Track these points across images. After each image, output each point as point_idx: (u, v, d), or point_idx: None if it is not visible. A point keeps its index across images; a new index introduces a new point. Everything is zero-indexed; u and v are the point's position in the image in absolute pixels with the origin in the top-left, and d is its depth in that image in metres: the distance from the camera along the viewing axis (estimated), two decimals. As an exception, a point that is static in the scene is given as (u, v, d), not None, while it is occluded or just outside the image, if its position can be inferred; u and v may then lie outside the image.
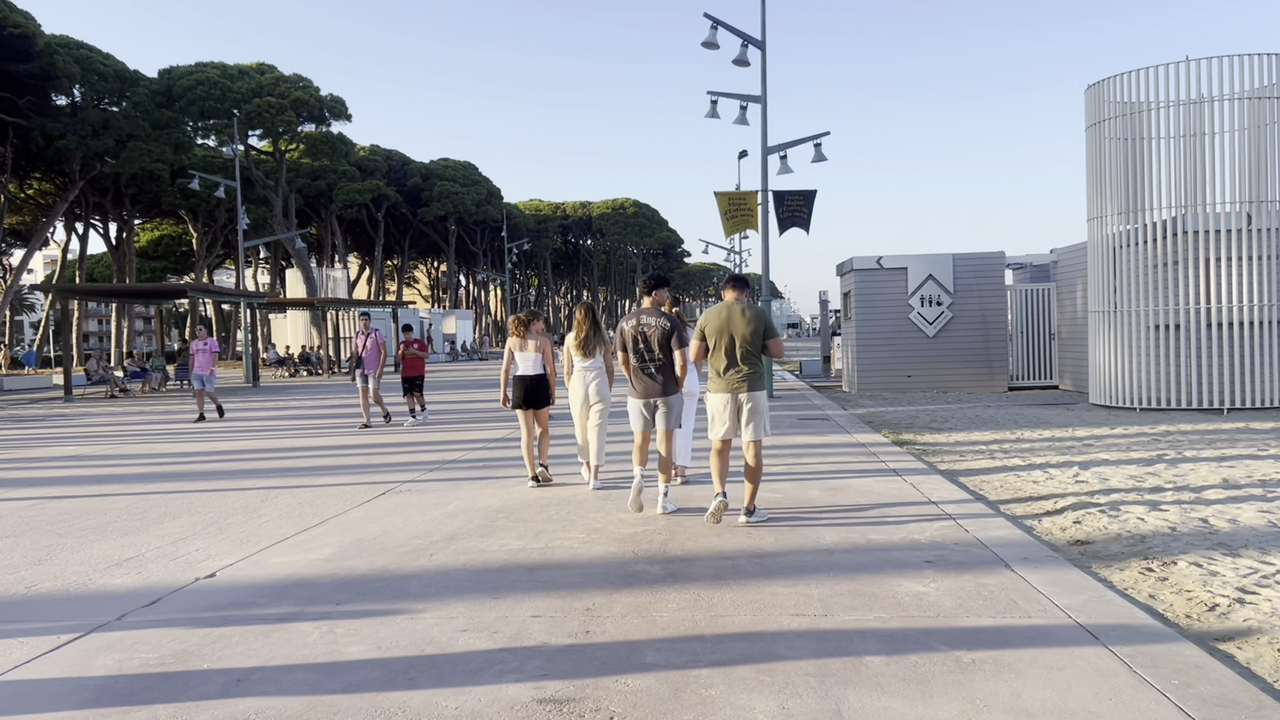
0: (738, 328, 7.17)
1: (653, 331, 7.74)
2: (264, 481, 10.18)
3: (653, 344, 7.72)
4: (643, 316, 7.84)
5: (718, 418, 7.25)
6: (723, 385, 7.20)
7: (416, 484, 9.68)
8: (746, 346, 7.16)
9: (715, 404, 7.25)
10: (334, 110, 50.76)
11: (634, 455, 8.02)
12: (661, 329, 7.73)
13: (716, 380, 7.25)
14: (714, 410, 7.27)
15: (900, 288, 21.90)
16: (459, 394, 24.56)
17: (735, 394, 7.14)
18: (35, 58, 40.40)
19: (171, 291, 27.86)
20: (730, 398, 7.16)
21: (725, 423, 7.21)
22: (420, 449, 12.69)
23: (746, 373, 7.15)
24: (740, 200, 20.05)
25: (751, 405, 7.12)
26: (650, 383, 7.74)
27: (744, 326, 7.16)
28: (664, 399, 7.72)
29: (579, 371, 9.35)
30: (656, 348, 7.71)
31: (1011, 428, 13.71)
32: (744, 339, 7.15)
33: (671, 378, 7.75)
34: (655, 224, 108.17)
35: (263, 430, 16.29)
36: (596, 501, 8.35)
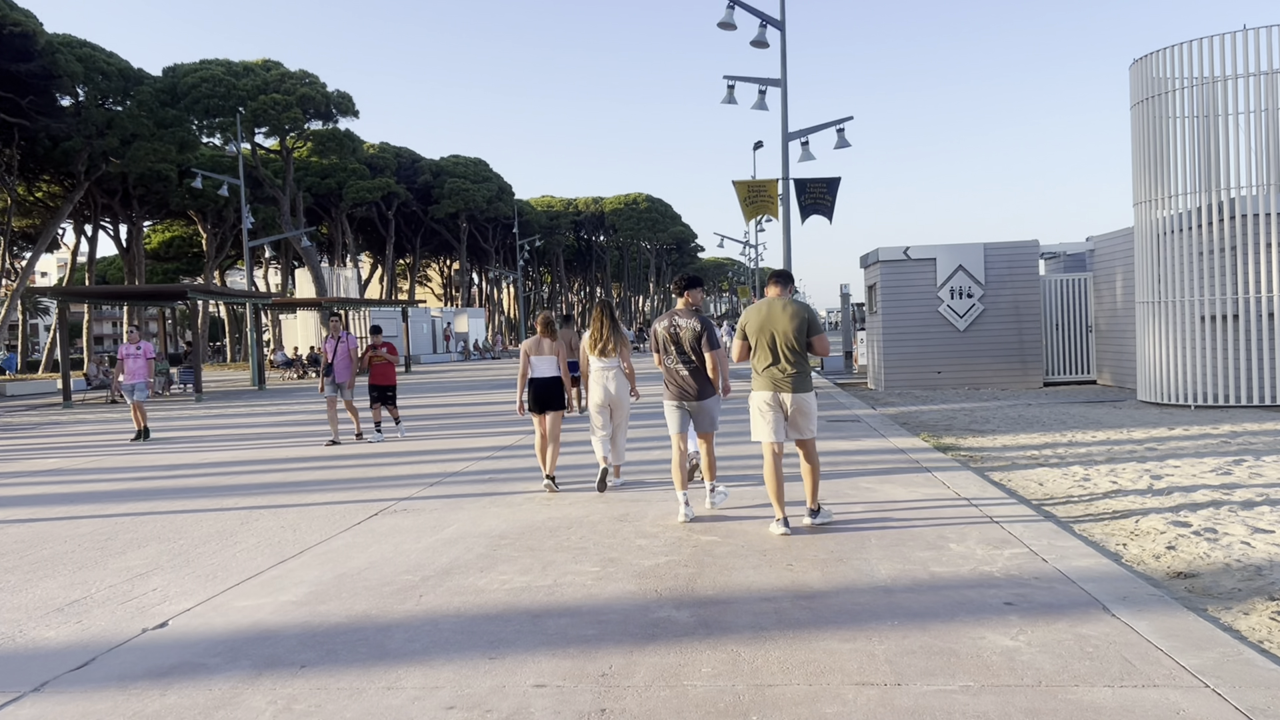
0: (780, 324, 6.85)
1: (684, 333, 7.56)
2: (248, 499, 9.28)
3: (684, 345, 7.55)
4: (675, 317, 7.65)
5: (761, 419, 6.93)
6: (764, 383, 6.91)
7: (414, 502, 8.76)
8: (790, 344, 6.83)
9: (757, 404, 6.95)
10: (341, 106, 49.93)
11: (675, 477, 7.60)
12: (693, 330, 7.53)
13: (758, 379, 6.95)
14: (757, 412, 6.95)
15: (929, 279, 20.88)
16: (469, 395, 23.67)
17: (779, 394, 6.85)
18: (36, 56, 39.73)
19: (171, 293, 27.09)
20: (773, 396, 6.87)
21: (770, 424, 6.90)
22: (423, 459, 11.78)
23: (791, 372, 6.84)
24: (759, 188, 19.08)
25: (797, 406, 6.85)
26: (683, 385, 7.58)
27: (787, 323, 6.84)
28: (697, 402, 7.56)
29: (597, 372, 9.10)
30: (689, 349, 7.54)
31: (1060, 429, 12.69)
32: (787, 336, 6.82)
33: (705, 380, 7.57)
34: (668, 219, 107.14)
35: (257, 438, 15.42)
36: (612, 524, 7.40)
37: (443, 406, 20.24)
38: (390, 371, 14.17)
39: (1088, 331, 21.14)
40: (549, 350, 9.29)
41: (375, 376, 14.10)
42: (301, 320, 51.44)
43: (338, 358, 13.88)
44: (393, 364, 14.22)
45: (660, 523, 7.34)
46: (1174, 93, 15.30)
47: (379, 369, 14.07)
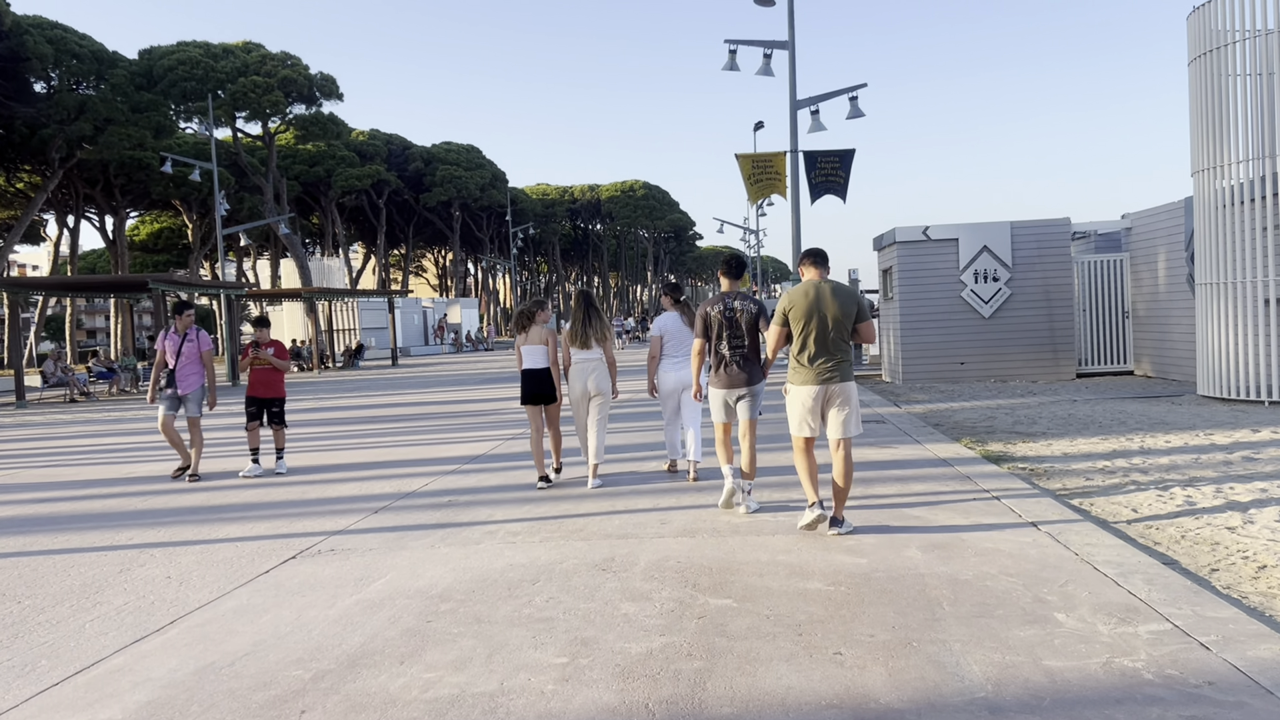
0: (828, 309, 6.33)
1: (741, 315, 7.22)
2: (149, 532, 7.51)
3: (742, 328, 7.19)
4: (728, 299, 7.27)
5: (801, 413, 6.44)
6: (809, 376, 6.39)
7: (348, 538, 6.99)
8: (837, 331, 6.34)
9: (800, 398, 6.44)
10: (324, 89, 48.00)
11: (719, 451, 7.42)
12: (750, 312, 7.21)
13: (801, 370, 6.42)
14: (798, 405, 6.45)
15: (950, 262, 19.09)
16: (452, 392, 21.90)
17: (826, 385, 6.35)
18: (3, 38, 37.85)
19: (131, 284, 25.28)
20: (819, 390, 6.36)
21: (810, 419, 6.42)
22: (377, 473, 10.02)
23: (837, 361, 6.36)
24: (766, 163, 17.27)
25: (843, 398, 6.38)
26: (737, 371, 7.16)
27: (835, 308, 6.33)
28: (751, 388, 7.19)
29: (578, 364, 8.80)
30: (746, 332, 7.20)
31: (1122, 431, 10.93)
32: (835, 322, 6.32)
33: (758, 365, 7.25)
34: (666, 206, 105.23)
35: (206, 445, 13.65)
36: (591, 575, 5.64)
37: (419, 406, 18.47)
38: (278, 381, 10.76)
39: (1124, 317, 19.37)
40: (537, 340, 8.89)
41: (256, 386, 10.67)
42: (288, 312, 49.62)
43: (182, 361, 10.41)
44: (282, 371, 10.77)
45: (656, 574, 5.57)
46: (1233, 46, 13.50)
47: (262, 377, 10.66)
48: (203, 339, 10.59)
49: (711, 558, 5.88)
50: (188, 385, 10.46)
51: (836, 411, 6.36)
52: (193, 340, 10.53)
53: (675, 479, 8.79)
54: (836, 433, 6.37)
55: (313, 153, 61.03)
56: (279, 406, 10.75)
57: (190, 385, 10.46)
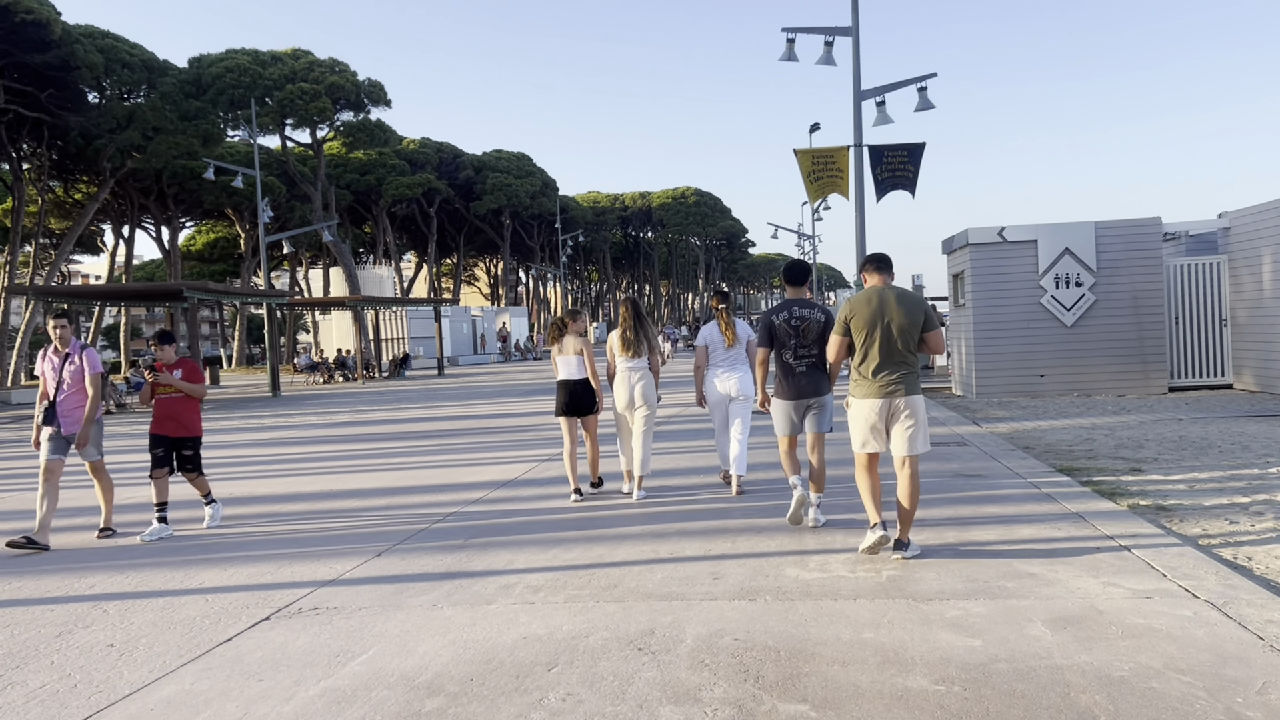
0: (894, 318, 5.92)
1: (809, 325, 6.89)
2: (113, 578, 6.45)
3: (810, 338, 6.87)
4: (795, 308, 6.96)
5: (864, 428, 6.03)
6: (872, 389, 5.98)
7: (336, 590, 5.85)
8: (903, 341, 5.94)
9: (862, 412, 6.03)
10: (372, 95, 47.48)
11: (784, 463, 7.05)
12: (818, 321, 6.89)
13: (864, 383, 6.03)
14: (860, 420, 6.05)
15: (1028, 266, 17.59)
16: (494, 404, 20.84)
17: (890, 399, 5.94)
18: (53, 47, 37.79)
19: (166, 292, 24.66)
20: (883, 404, 5.96)
21: (873, 435, 6.01)
22: (391, 500, 8.90)
23: (903, 373, 5.95)
24: (827, 159, 15.95)
25: (909, 412, 5.95)
26: (804, 382, 6.88)
27: (901, 316, 5.92)
28: (819, 399, 6.90)
29: (623, 372, 8.55)
30: (813, 342, 6.88)
31: (1249, 457, 9.43)
32: (901, 331, 5.92)
33: (824, 375, 6.91)
34: (718, 213, 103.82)
35: (216, 464, 12.70)
36: (623, 655, 4.42)
37: (457, 420, 17.42)
38: (190, 414, 8.08)
39: (1221, 326, 17.69)
40: (571, 350, 8.64)
41: (163, 420, 8.02)
42: (336, 321, 49.24)
43: (65, 389, 7.85)
44: (195, 399, 8.12)
45: (706, 658, 4.33)
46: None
47: (168, 408, 8.01)
48: (90, 359, 7.89)
49: (777, 633, 4.62)
50: (71, 422, 7.84)
51: (902, 427, 5.94)
52: (76, 361, 7.88)
53: (725, 494, 7.70)
54: (902, 449, 5.93)
55: (363, 161, 60.79)
56: (192, 448, 8.09)
57: (73, 422, 7.87)
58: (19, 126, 42.68)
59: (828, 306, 6.90)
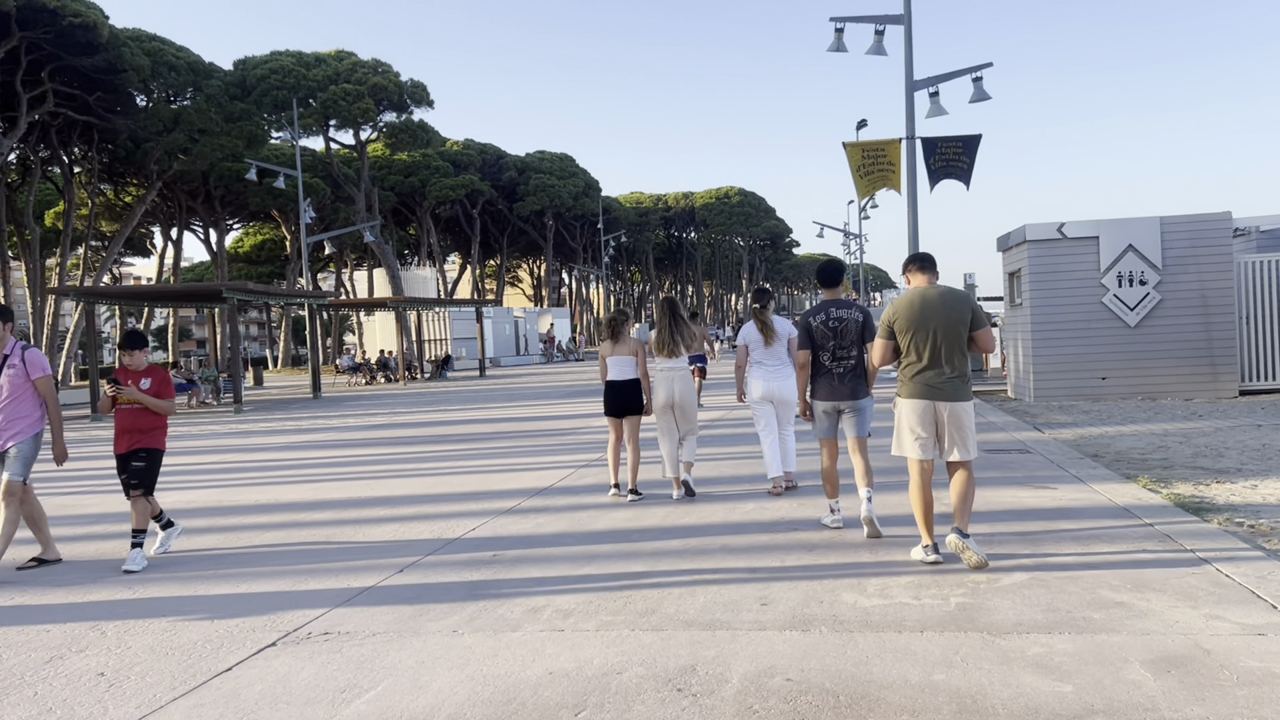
0: (939, 318, 5.77)
1: (846, 325, 6.74)
2: (119, 593, 6.07)
3: (848, 339, 6.72)
4: (832, 309, 6.80)
5: (911, 433, 5.85)
6: (919, 391, 5.81)
7: (351, 612, 5.40)
8: (952, 341, 5.75)
9: (908, 415, 5.85)
10: (414, 96, 47.44)
11: (826, 482, 6.95)
12: (856, 321, 6.73)
13: (910, 385, 5.85)
14: (906, 423, 5.87)
15: (1089, 263, 16.79)
16: (535, 406, 20.43)
17: (936, 402, 5.76)
18: (100, 50, 38.14)
19: (205, 293, 24.60)
20: (929, 407, 5.79)
21: (921, 439, 5.82)
22: (420, 509, 8.47)
23: (950, 375, 5.76)
24: (878, 152, 15.31)
25: (956, 417, 5.76)
26: (842, 385, 6.73)
27: (946, 316, 5.77)
28: (856, 402, 6.75)
29: (663, 373, 8.45)
30: (851, 343, 6.73)
31: (1342, 468, 8.69)
32: (948, 332, 5.75)
33: (863, 378, 6.76)
34: (762, 213, 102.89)
35: (242, 470, 12.40)
36: (659, 699, 3.90)
37: (495, 423, 17.02)
38: (152, 427, 7.00)
39: (1296, 326, 16.74)
40: (626, 350, 8.60)
41: (124, 435, 6.99)
42: (380, 322, 49.30)
43: (2, 397, 6.80)
44: (163, 413, 7.04)
45: (755, 702, 3.80)
46: None
47: (131, 422, 6.95)
48: (32, 360, 6.86)
49: (836, 672, 4.07)
50: (13, 433, 6.77)
51: (950, 432, 5.75)
52: (16, 365, 6.81)
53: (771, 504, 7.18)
54: (952, 455, 5.76)
55: (407, 163, 60.93)
56: (145, 459, 6.90)
57: (18, 433, 6.78)
58: (70, 130, 43.24)
59: (866, 306, 6.78)
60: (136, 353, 7.06)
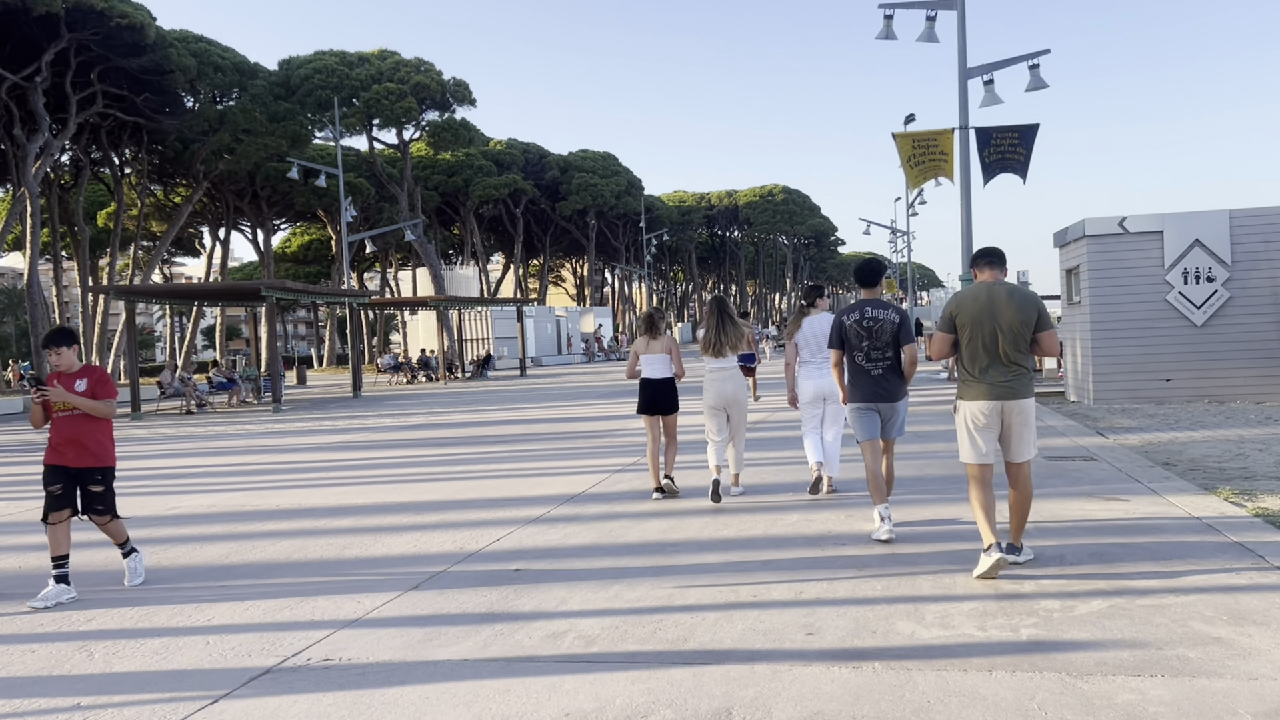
0: (1003, 316, 5.50)
1: (881, 325, 6.61)
2: (111, 616, 5.69)
3: (883, 340, 6.59)
4: (867, 308, 6.68)
5: (972, 433, 5.58)
6: (981, 391, 5.55)
7: (354, 635, 4.95)
8: (1014, 341, 5.49)
9: (970, 415, 5.59)
10: (457, 94, 47.32)
11: (872, 486, 6.60)
12: (892, 322, 6.59)
13: (971, 384, 5.60)
14: (968, 423, 5.61)
15: (1153, 259, 15.98)
16: (572, 406, 20.00)
17: (999, 401, 5.50)
18: (148, 51, 38.42)
19: (244, 291, 24.55)
20: (991, 406, 5.52)
21: (983, 440, 5.55)
22: (443, 517, 8.03)
23: (1014, 374, 5.51)
24: (929, 142, 14.66)
25: (1019, 416, 5.52)
26: (878, 385, 6.60)
27: (1011, 314, 5.50)
28: (891, 404, 6.64)
29: (713, 373, 8.29)
30: (886, 344, 6.59)
31: None
32: (1012, 330, 5.48)
33: (899, 378, 6.66)
34: (806, 211, 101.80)
35: (274, 470, 12.09)
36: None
37: (531, 424, 16.61)
38: (94, 435, 6.04)
39: (1377, 325, 15.78)
40: (658, 348, 8.51)
41: (60, 446, 6.01)
42: (423, 321, 49.28)
43: None
44: (103, 417, 6.06)
45: (799, 758, 3.28)
46: None
47: (68, 430, 6.00)
48: None
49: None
50: None
51: (1011, 432, 5.56)
52: None
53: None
54: (1011, 455, 5.60)
55: (450, 163, 60.96)
56: (102, 482, 6.06)
57: None
58: (120, 132, 43.69)
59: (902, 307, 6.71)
60: (64, 350, 6.12)
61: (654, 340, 8.53)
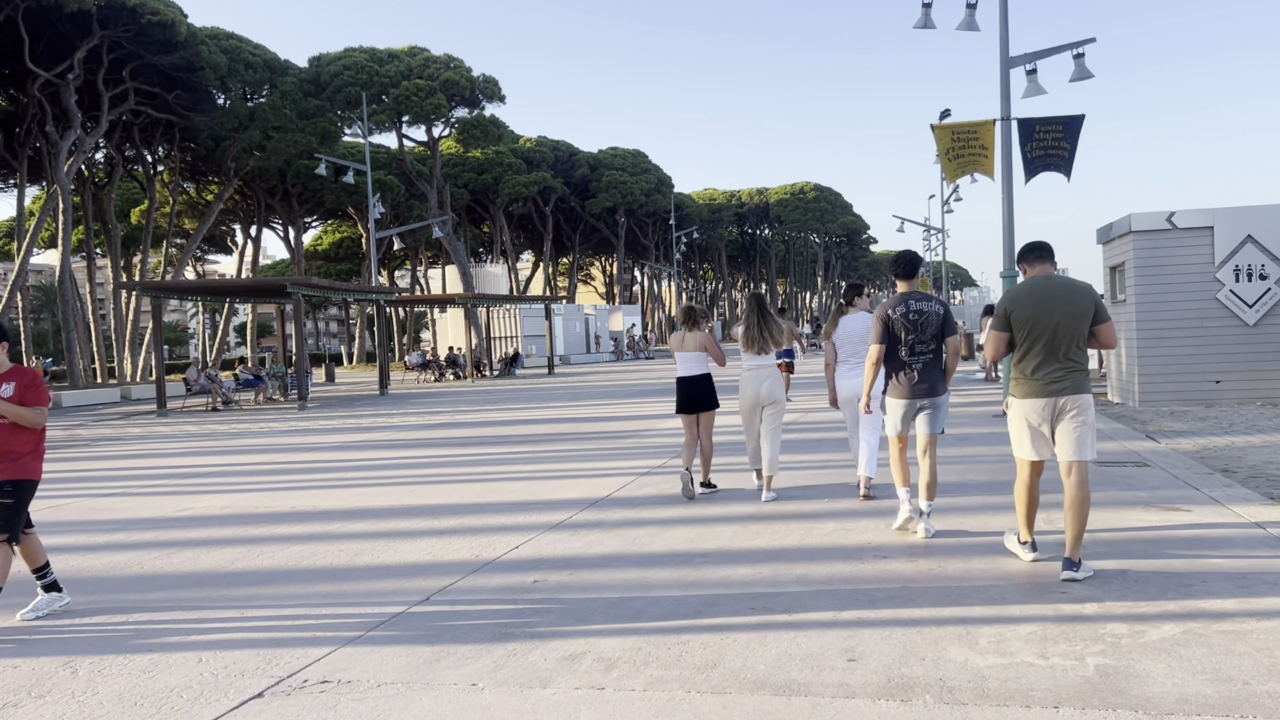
0: (1060, 310, 5.30)
1: (926, 319, 6.38)
2: (101, 623, 5.37)
3: (927, 333, 6.36)
4: (910, 301, 6.44)
5: (1023, 431, 5.43)
6: (1034, 387, 5.34)
7: (356, 654, 4.59)
8: (1072, 336, 5.29)
9: (1023, 413, 5.41)
10: (486, 91, 47.10)
11: (894, 472, 6.62)
12: (937, 314, 6.34)
13: (1026, 382, 5.39)
14: (1020, 421, 5.44)
15: (1202, 256, 15.36)
16: (600, 406, 19.63)
17: (1056, 398, 5.29)
18: (179, 48, 38.54)
19: (269, 287, 24.40)
20: (1047, 403, 5.32)
21: (1038, 439, 5.39)
22: (460, 522, 7.68)
23: (1070, 369, 5.31)
24: (969, 134, 14.13)
25: (1076, 412, 5.27)
26: (920, 380, 6.38)
27: (1068, 308, 5.30)
28: (934, 399, 6.42)
29: (749, 370, 8.17)
30: (930, 337, 6.37)
31: None
32: (1070, 325, 5.29)
33: (941, 373, 6.45)
34: (838, 209, 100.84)
35: (292, 470, 11.81)
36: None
37: (557, 423, 16.25)
38: (19, 444, 5.25)
39: None
40: (693, 345, 8.36)
41: None
42: (452, 319, 49.17)
43: None
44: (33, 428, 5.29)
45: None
46: None
47: None
48: None
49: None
50: None
51: (1068, 429, 5.31)
52: None
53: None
54: (1069, 454, 5.29)
55: (480, 160, 60.84)
56: (13, 494, 5.20)
57: None
58: (153, 129, 43.89)
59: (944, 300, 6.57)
60: None
61: (690, 335, 8.41)
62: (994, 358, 5.72)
